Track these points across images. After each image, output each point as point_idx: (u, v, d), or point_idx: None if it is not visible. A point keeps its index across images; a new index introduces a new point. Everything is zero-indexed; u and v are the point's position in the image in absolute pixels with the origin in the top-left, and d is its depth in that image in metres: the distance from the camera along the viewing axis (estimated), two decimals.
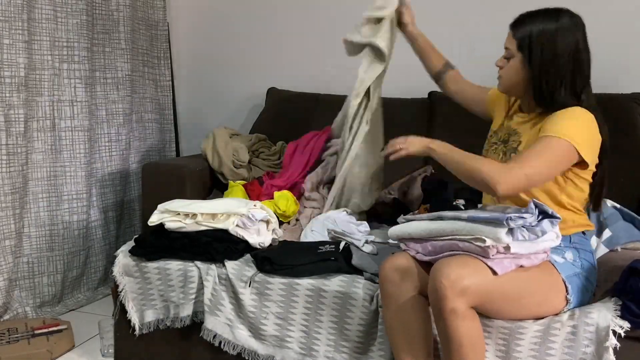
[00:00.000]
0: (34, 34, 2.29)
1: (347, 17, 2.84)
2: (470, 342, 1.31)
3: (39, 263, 2.40)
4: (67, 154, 2.47)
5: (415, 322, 1.45)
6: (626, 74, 2.40)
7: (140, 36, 2.82)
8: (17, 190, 2.25)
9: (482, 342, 1.35)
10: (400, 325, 1.46)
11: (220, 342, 1.73)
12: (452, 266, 1.30)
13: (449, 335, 1.30)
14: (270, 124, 2.71)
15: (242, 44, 3.03)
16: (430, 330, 1.47)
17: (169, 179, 2.19)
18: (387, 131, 2.55)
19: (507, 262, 1.34)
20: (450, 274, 1.28)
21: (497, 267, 1.32)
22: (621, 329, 1.36)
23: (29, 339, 2.05)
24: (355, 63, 2.85)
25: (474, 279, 1.29)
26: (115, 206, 2.73)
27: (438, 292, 1.28)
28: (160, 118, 3.00)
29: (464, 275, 1.28)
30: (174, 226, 1.79)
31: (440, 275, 1.29)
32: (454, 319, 1.28)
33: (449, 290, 1.27)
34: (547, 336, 1.40)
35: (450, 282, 1.27)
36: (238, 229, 1.78)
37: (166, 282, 1.80)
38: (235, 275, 1.72)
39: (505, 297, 1.36)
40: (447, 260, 1.33)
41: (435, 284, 1.29)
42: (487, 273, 1.32)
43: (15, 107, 2.21)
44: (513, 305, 1.39)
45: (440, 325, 1.32)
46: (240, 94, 3.08)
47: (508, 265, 1.33)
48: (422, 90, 2.65)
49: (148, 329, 1.84)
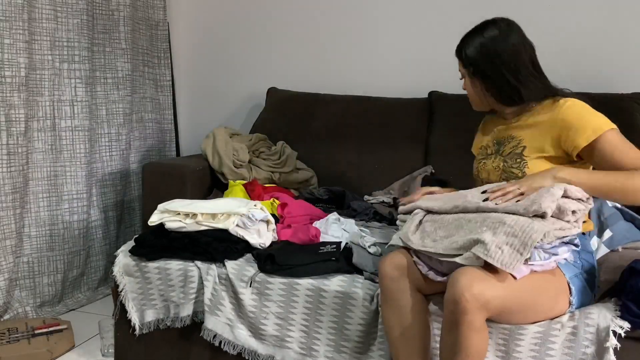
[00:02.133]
0: (34, 34, 2.29)
1: (347, 17, 2.85)
2: (478, 353, 1.30)
3: (39, 263, 2.40)
4: (67, 154, 2.47)
5: (413, 320, 1.45)
6: (626, 74, 2.40)
7: (140, 36, 2.82)
8: (17, 190, 2.25)
9: (486, 354, 1.35)
10: (398, 322, 1.46)
11: (221, 342, 1.73)
12: (475, 278, 1.27)
13: (460, 345, 1.29)
14: (270, 124, 2.71)
15: (242, 44, 3.03)
16: (428, 328, 1.48)
17: (169, 178, 2.19)
18: (387, 131, 2.56)
19: (524, 267, 1.33)
20: (473, 287, 1.25)
21: (516, 271, 1.31)
22: (621, 329, 1.36)
23: (29, 339, 2.05)
24: (355, 63, 2.86)
25: (495, 292, 1.27)
26: (115, 206, 2.73)
27: (459, 304, 1.26)
28: (160, 118, 3.00)
29: (486, 288, 1.26)
30: (174, 226, 1.79)
31: (461, 287, 1.26)
32: (470, 331, 1.27)
33: (471, 304, 1.25)
34: (547, 337, 1.40)
35: (473, 296, 1.25)
36: (238, 229, 1.78)
37: (166, 282, 1.80)
38: (235, 275, 1.72)
39: (522, 305, 1.36)
40: (469, 271, 1.30)
41: (456, 296, 1.26)
42: (506, 280, 1.30)
43: (15, 107, 2.21)
44: (527, 314, 1.39)
45: (452, 334, 1.30)
46: (240, 94, 3.08)
47: (525, 270, 1.33)
48: (422, 90, 2.65)
49: (148, 329, 1.85)
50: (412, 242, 1.46)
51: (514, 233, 1.30)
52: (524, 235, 1.29)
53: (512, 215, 1.34)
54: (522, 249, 1.28)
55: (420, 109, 2.59)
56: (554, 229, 1.33)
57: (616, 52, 2.42)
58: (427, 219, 1.51)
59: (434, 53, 2.68)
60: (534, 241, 1.28)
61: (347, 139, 2.56)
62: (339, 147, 2.55)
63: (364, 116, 2.60)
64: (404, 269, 1.47)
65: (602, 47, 2.44)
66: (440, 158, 2.43)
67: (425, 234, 1.46)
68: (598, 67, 2.44)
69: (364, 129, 2.57)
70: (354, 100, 2.68)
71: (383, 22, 2.77)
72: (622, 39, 2.41)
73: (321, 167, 2.53)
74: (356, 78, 2.85)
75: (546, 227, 1.30)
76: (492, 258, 1.28)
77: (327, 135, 2.59)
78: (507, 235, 1.30)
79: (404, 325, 1.46)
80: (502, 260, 1.27)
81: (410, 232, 1.48)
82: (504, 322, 1.41)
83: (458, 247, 1.35)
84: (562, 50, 2.46)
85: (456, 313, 1.27)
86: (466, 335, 1.27)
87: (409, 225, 1.50)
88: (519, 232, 1.29)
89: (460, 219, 1.42)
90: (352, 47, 2.83)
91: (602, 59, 2.42)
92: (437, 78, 2.66)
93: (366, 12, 2.80)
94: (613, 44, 2.43)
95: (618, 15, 2.42)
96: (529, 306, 1.37)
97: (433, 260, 1.44)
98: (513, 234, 1.30)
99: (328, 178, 2.51)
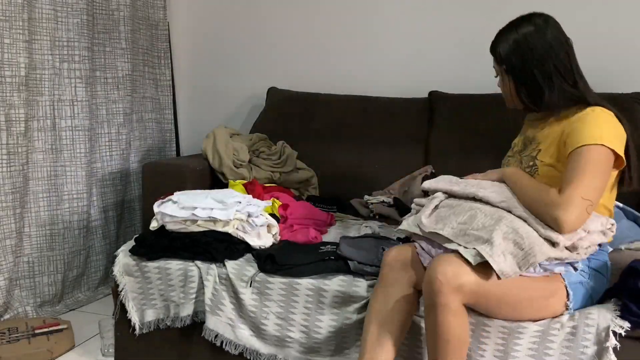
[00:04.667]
0: (34, 34, 2.29)
1: (347, 17, 2.85)
2: (458, 339, 1.32)
3: (39, 262, 2.40)
4: (67, 154, 2.47)
5: (397, 311, 1.46)
6: (626, 73, 2.40)
7: (140, 36, 2.82)
8: (17, 189, 2.25)
9: (467, 340, 1.36)
10: (382, 309, 1.47)
11: (222, 342, 1.73)
12: (451, 263, 1.31)
13: (438, 330, 1.31)
14: (271, 124, 2.71)
15: (242, 43, 3.03)
16: (408, 325, 1.49)
17: (170, 178, 2.19)
18: (387, 130, 2.56)
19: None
20: (447, 270, 1.29)
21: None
22: (621, 329, 1.36)
23: (29, 339, 2.05)
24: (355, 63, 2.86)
25: (471, 278, 1.30)
26: (115, 206, 2.73)
27: (433, 286, 1.29)
28: (160, 118, 3.00)
29: (462, 272, 1.29)
30: (175, 227, 1.79)
31: (437, 271, 1.30)
32: (446, 314, 1.29)
33: (445, 286, 1.28)
34: (546, 336, 1.40)
35: (447, 279, 1.28)
36: (239, 232, 1.79)
37: (166, 282, 1.80)
38: (235, 275, 1.72)
39: (503, 300, 1.36)
40: (448, 256, 1.34)
41: (431, 278, 1.30)
42: (488, 274, 1.32)
43: (15, 107, 2.21)
44: (509, 309, 1.39)
45: (430, 319, 1.33)
46: (240, 94, 3.08)
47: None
48: (422, 90, 2.65)
49: (148, 329, 1.84)
50: (425, 224, 1.47)
51: (522, 246, 1.31)
52: (529, 253, 1.30)
53: (527, 226, 1.35)
54: (522, 264, 1.30)
55: (420, 109, 2.59)
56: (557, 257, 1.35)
57: (616, 52, 2.42)
58: (444, 204, 1.52)
59: (434, 53, 2.68)
60: (535, 262, 1.30)
61: (347, 139, 2.56)
62: (339, 147, 2.55)
63: (364, 116, 2.60)
64: (406, 263, 1.49)
65: (602, 47, 2.44)
66: (440, 158, 2.43)
67: (440, 218, 1.47)
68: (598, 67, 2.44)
69: (364, 129, 2.57)
70: (354, 100, 2.68)
71: (383, 22, 2.77)
72: (622, 39, 2.41)
73: (321, 167, 2.53)
74: (356, 78, 2.85)
75: (551, 253, 1.32)
76: (494, 261, 1.29)
77: (327, 135, 2.60)
78: (515, 246, 1.31)
79: (386, 313, 1.46)
80: (502, 268, 1.29)
81: (425, 216, 1.49)
82: (486, 314, 1.42)
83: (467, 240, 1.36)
84: None
85: (432, 295, 1.30)
86: (442, 318, 1.30)
87: (426, 209, 1.51)
88: (527, 247, 1.31)
89: (477, 209, 1.42)
90: (352, 47, 2.83)
91: (602, 58, 2.42)
92: (437, 78, 2.66)
93: (366, 12, 2.80)
94: (613, 44, 2.43)
95: (618, 15, 2.42)
96: (510, 303, 1.37)
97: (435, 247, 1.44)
98: (520, 247, 1.31)
99: (328, 178, 2.51)
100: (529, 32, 1.47)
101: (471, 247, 1.34)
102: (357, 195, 2.42)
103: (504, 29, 1.52)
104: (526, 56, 1.46)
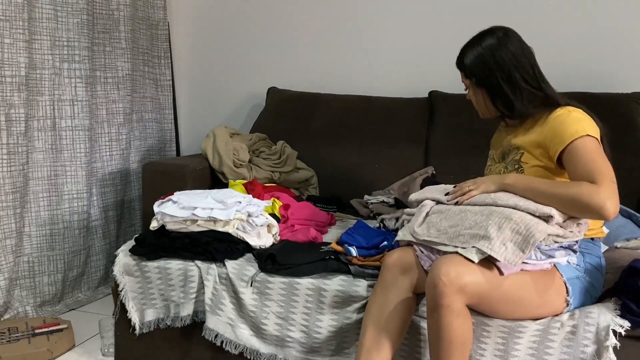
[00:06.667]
0: (34, 33, 2.30)
1: (347, 17, 2.85)
2: (461, 340, 1.32)
3: (39, 262, 2.40)
4: (67, 154, 2.47)
5: (395, 315, 1.46)
6: (626, 74, 2.41)
7: (140, 35, 2.83)
8: (17, 189, 2.25)
9: (470, 341, 1.37)
10: (380, 313, 1.47)
11: (222, 342, 1.73)
12: (454, 263, 1.31)
13: (441, 331, 1.31)
14: (271, 124, 2.71)
15: (242, 43, 3.03)
16: (405, 329, 1.50)
17: (170, 178, 2.19)
18: (387, 130, 2.56)
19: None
20: (450, 271, 1.29)
21: (504, 267, 1.33)
22: (621, 328, 1.37)
23: (29, 338, 2.05)
24: (355, 63, 2.86)
25: (474, 278, 1.30)
26: (115, 205, 2.73)
27: (436, 287, 1.29)
28: (160, 117, 3.00)
29: (464, 273, 1.30)
30: (175, 227, 1.79)
31: (440, 272, 1.30)
32: (448, 315, 1.29)
33: (448, 287, 1.28)
34: (546, 335, 1.40)
35: (449, 280, 1.28)
36: (239, 232, 1.79)
37: (166, 282, 1.80)
38: (235, 275, 1.72)
39: (505, 298, 1.37)
40: (450, 257, 1.34)
41: (434, 280, 1.30)
42: (489, 272, 1.32)
43: (15, 107, 2.21)
44: (511, 307, 1.40)
45: (433, 320, 1.33)
46: (240, 94, 3.08)
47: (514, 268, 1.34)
48: (422, 90, 2.66)
49: (148, 328, 1.85)
50: (418, 233, 1.48)
51: (519, 230, 1.32)
52: (528, 234, 1.31)
53: (519, 211, 1.36)
54: (524, 246, 1.30)
55: (420, 109, 2.59)
56: (555, 234, 1.36)
57: (616, 52, 2.42)
58: (434, 211, 1.53)
59: (434, 53, 2.68)
60: (537, 240, 1.30)
61: (348, 139, 2.56)
62: (339, 147, 2.55)
63: (364, 116, 2.60)
64: (407, 267, 1.49)
65: (602, 47, 2.44)
66: (440, 158, 2.43)
67: (431, 225, 1.48)
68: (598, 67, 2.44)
69: (364, 129, 2.57)
70: (354, 100, 2.68)
71: (383, 22, 2.77)
72: (622, 39, 2.42)
73: (321, 166, 2.53)
74: (356, 78, 2.85)
75: (549, 229, 1.32)
76: (497, 253, 1.30)
77: (327, 135, 2.60)
78: (512, 232, 1.32)
79: (384, 317, 1.47)
80: (506, 256, 1.30)
81: (417, 225, 1.51)
82: (488, 314, 1.43)
83: (463, 241, 1.37)
84: (562, 50, 2.46)
85: (435, 296, 1.30)
86: (445, 319, 1.30)
87: (417, 218, 1.53)
88: (524, 229, 1.32)
89: (466, 210, 1.44)
90: (352, 47, 2.84)
91: (601, 58, 2.43)
92: (437, 78, 2.66)
93: (366, 12, 2.80)
94: (613, 44, 2.43)
95: (618, 15, 2.42)
96: (513, 301, 1.38)
97: (434, 253, 1.45)
98: (518, 231, 1.32)
99: (328, 178, 2.51)
100: (493, 44, 1.52)
101: (469, 246, 1.34)
102: (357, 195, 2.43)
103: (468, 44, 1.57)
104: (493, 68, 1.51)
